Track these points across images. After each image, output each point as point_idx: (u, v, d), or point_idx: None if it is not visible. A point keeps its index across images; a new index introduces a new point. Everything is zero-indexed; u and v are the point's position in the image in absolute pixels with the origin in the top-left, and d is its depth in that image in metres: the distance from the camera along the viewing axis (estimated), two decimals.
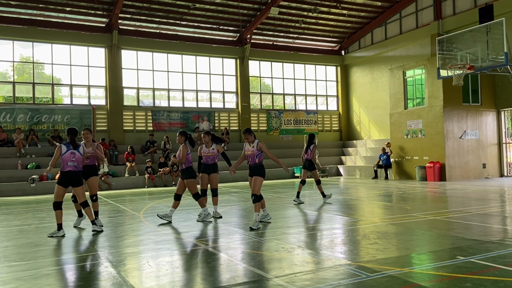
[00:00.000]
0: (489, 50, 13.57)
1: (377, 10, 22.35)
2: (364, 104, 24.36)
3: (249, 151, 7.56)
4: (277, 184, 17.62)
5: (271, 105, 24.40)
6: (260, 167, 7.53)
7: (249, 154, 7.58)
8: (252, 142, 7.58)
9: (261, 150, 7.53)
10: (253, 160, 7.53)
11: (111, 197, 14.15)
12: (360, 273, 4.49)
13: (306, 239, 6.41)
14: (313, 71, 25.51)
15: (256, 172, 7.52)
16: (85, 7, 19.07)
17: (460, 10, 18.82)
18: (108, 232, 7.69)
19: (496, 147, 17.78)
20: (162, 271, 4.91)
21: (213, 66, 22.88)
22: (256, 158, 7.49)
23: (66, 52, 19.87)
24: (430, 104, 17.12)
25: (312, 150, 10.93)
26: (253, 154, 7.50)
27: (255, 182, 7.47)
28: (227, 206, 10.72)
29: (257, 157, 7.50)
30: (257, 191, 7.40)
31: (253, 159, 7.51)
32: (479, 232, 6.47)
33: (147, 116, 21.18)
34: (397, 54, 21.97)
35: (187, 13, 20.51)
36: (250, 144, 7.58)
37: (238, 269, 4.89)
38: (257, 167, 7.53)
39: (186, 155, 8.37)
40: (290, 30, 23.49)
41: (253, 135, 7.68)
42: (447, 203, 10.47)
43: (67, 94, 20.11)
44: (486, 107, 17.59)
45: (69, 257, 5.78)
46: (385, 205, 10.43)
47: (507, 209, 9.17)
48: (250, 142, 7.58)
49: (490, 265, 4.62)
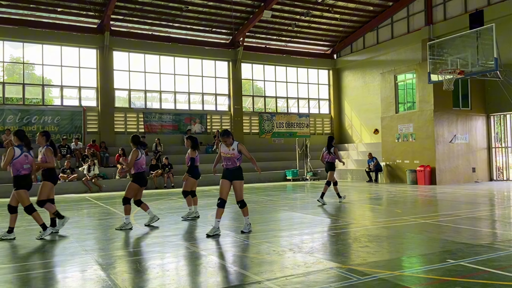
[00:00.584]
0: (479, 55, 13.73)
1: (369, 14, 22.52)
2: (356, 107, 24.49)
3: (228, 153, 7.13)
4: (269, 187, 17.61)
5: (264, 108, 24.42)
6: (239, 170, 7.18)
7: (228, 157, 7.15)
8: (230, 144, 7.14)
9: (241, 152, 7.14)
10: (234, 163, 7.12)
11: (101, 199, 14.04)
12: (351, 276, 4.49)
13: (298, 242, 6.41)
14: (305, 74, 25.60)
15: (237, 175, 7.13)
16: (77, 7, 18.95)
17: (451, 15, 19.04)
18: (98, 234, 7.62)
19: (486, 152, 17.97)
20: (152, 274, 4.87)
21: (206, 69, 22.85)
22: (237, 161, 7.13)
23: (57, 53, 19.71)
24: (420, 108, 17.26)
25: (334, 152, 11.25)
26: (233, 157, 7.10)
27: (238, 187, 7.13)
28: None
29: (237, 160, 7.14)
30: (241, 196, 7.16)
31: (234, 162, 7.12)
32: (468, 236, 6.52)
33: (139, 118, 21.08)
34: (388, 58, 22.13)
35: (179, 15, 20.47)
36: (229, 146, 7.14)
37: (229, 272, 4.87)
38: (237, 170, 7.15)
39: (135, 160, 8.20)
40: (283, 34, 23.57)
41: (231, 137, 7.25)
42: (437, 207, 10.54)
43: (57, 95, 19.94)
44: (475, 112, 17.78)
45: (58, 260, 5.71)
46: (376, 208, 10.47)
47: (496, 213, 9.26)
48: (228, 145, 7.15)
49: (479, 268, 4.65)
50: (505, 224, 7.74)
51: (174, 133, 21.70)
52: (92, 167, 17.21)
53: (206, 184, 19.32)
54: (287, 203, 11.73)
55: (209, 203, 12.02)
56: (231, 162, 7.13)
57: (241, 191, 7.15)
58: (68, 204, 12.76)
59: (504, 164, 17.75)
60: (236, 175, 7.12)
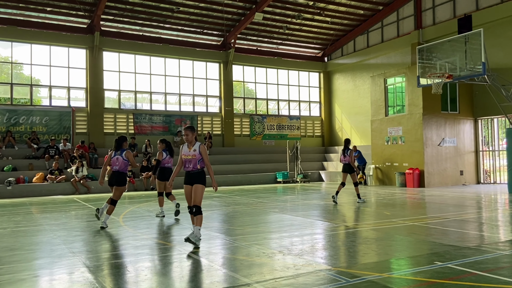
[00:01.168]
0: (467, 59, 13.89)
1: (360, 18, 22.68)
2: (346, 110, 24.63)
3: (189, 155, 6.54)
4: (260, 189, 17.61)
5: (255, 110, 24.43)
6: (202, 174, 6.54)
7: (189, 159, 6.54)
8: (191, 143, 6.58)
9: (201, 155, 6.52)
10: (195, 165, 6.49)
11: (90, 200, 13.90)
12: (340, 278, 4.51)
13: (287, 244, 6.42)
14: (296, 77, 25.68)
15: (198, 179, 6.49)
16: (66, 7, 18.79)
17: (440, 20, 19.26)
18: (86, 236, 7.54)
19: (473, 155, 18.18)
20: (141, 276, 4.83)
21: (197, 70, 22.80)
22: (198, 163, 6.49)
23: (46, 53, 19.51)
24: (410, 112, 17.42)
25: (350, 154, 11.73)
26: (195, 159, 6.48)
27: (197, 191, 6.47)
28: (208, 211, 10.65)
29: (199, 162, 6.50)
30: (199, 202, 6.47)
31: (195, 164, 6.49)
32: (456, 238, 6.59)
33: (129, 119, 20.94)
34: (378, 62, 22.31)
35: (170, 16, 20.41)
36: (190, 146, 6.57)
37: (219, 275, 4.86)
38: (199, 174, 6.52)
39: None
40: (274, 36, 23.62)
41: (195, 134, 6.67)
42: (425, 209, 10.63)
43: (46, 95, 19.73)
44: (463, 116, 17.99)
45: (45, 262, 5.64)
46: (365, 210, 10.53)
47: (483, 215, 9.36)
48: (190, 143, 6.58)
49: (467, 270, 4.70)
50: (492, 227, 7.83)
51: (164, 134, 21.57)
52: (80, 168, 17.05)
53: None
54: (277, 205, 11.74)
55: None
56: (192, 164, 6.52)
57: (199, 195, 6.50)
58: (56, 206, 12.61)
59: (491, 167, 17.98)
60: (197, 179, 6.49)
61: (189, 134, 6.59)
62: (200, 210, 6.48)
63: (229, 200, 13.14)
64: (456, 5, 18.61)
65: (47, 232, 7.86)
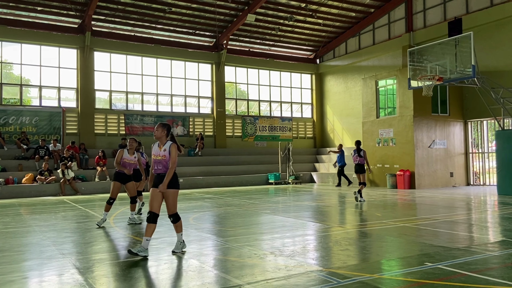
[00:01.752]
0: (457, 62, 14.03)
1: (351, 20, 22.82)
2: (338, 112, 24.74)
3: (159, 155, 5.87)
4: (251, 190, 17.60)
5: (247, 111, 24.43)
6: (173, 177, 5.86)
7: (158, 160, 5.88)
8: (160, 140, 5.92)
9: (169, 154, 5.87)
10: (165, 167, 5.85)
11: (80, 202, 13.79)
12: (331, 279, 4.52)
13: (279, 245, 6.42)
14: (288, 78, 25.74)
15: (169, 183, 5.82)
16: (57, 7, 18.63)
17: (431, 23, 19.44)
18: (76, 238, 7.48)
19: (463, 157, 18.36)
20: (132, 277, 4.79)
21: (189, 71, 22.75)
22: (169, 165, 5.86)
23: (36, 53, 19.34)
24: (401, 114, 17.54)
25: (363, 155, 12.30)
26: (165, 160, 5.84)
27: (170, 198, 5.86)
28: (200, 212, 10.62)
29: (169, 164, 5.86)
30: (175, 209, 5.95)
31: (164, 165, 5.86)
32: (446, 239, 6.64)
33: (120, 120, 20.81)
34: (370, 64, 22.45)
35: (162, 16, 20.34)
36: (161, 146, 5.91)
37: (210, 276, 4.84)
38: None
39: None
40: (266, 37, 23.66)
41: (166, 132, 5.96)
42: (416, 211, 10.71)
43: (36, 96, 19.54)
44: (454, 118, 18.16)
45: (35, 263, 5.58)
46: (356, 211, 10.57)
47: (473, 216, 9.46)
48: (161, 141, 5.92)
49: (456, 271, 4.74)
50: (481, 228, 7.91)
51: None
52: (66, 170, 16.70)
53: (188, 187, 19.20)
54: (269, 206, 11.75)
55: (190, 206, 11.94)
56: (162, 166, 5.87)
57: (174, 202, 5.90)
58: (45, 207, 12.49)
59: (481, 169, 18.17)
60: (168, 183, 5.83)
61: (158, 130, 5.91)
62: (177, 217, 5.97)
63: (220, 202, 13.12)
64: (446, 8, 18.80)
65: (36, 234, 7.78)
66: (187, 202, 13.06)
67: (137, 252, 5.65)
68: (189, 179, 19.66)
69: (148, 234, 5.80)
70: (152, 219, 5.82)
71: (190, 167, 20.52)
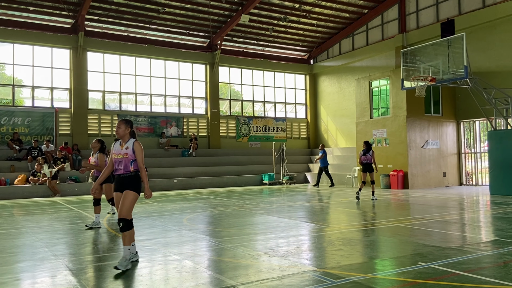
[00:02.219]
0: (450, 63, 14.13)
1: (345, 21, 22.89)
2: (332, 112, 24.81)
3: (120, 154, 5.31)
4: (246, 191, 17.60)
5: (241, 112, 24.43)
6: (134, 178, 5.30)
7: (119, 159, 5.31)
8: (123, 138, 5.39)
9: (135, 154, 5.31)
10: (126, 167, 5.29)
11: (73, 203, 13.71)
12: (325, 280, 4.53)
13: (273, 245, 6.43)
14: (282, 79, 25.77)
15: (129, 184, 5.26)
16: (50, 7, 18.52)
17: (424, 24, 19.56)
18: (69, 239, 7.43)
19: (456, 157, 18.48)
20: (125, 279, 4.78)
21: (182, 71, 22.70)
22: (131, 165, 5.29)
23: (29, 53, 19.20)
24: (394, 114, 17.63)
25: (372, 155, 12.76)
26: (126, 158, 5.28)
27: (125, 200, 5.22)
28: (194, 213, 10.61)
29: (131, 163, 5.29)
30: (127, 214, 5.21)
31: (126, 166, 5.28)
32: (439, 239, 6.68)
33: (113, 120, 20.72)
34: (363, 64, 22.54)
35: (156, 17, 20.29)
36: (123, 143, 5.37)
37: (204, 277, 4.84)
38: (131, 178, 5.29)
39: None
40: (260, 38, 23.67)
41: (129, 129, 5.41)
42: (409, 211, 10.77)
43: (28, 96, 19.40)
44: (446, 118, 18.28)
45: (27, 265, 5.54)
46: (350, 212, 10.61)
47: (465, 216, 9.53)
48: (123, 139, 5.39)
49: (449, 271, 4.77)
50: (474, 228, 7.97)
51: (149, 136, 21.44)
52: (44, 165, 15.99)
53: (182, 188, 19.16)
54: (263, 207, 11.75)
55: (184, 207, 11.91)
56: (123, 166, 5.30)
57: (129, 205, 5.23)
58: (38, 208, 12.40)
59: (473, 169, 18.31)
60: (128, 184, 5.26)
61: (121, 126, 5.36)
62: (129, 224, 5.21)
63: (214, 202, 13.10)
64: (439, 10, 18.92)
65: (29, 235, 7.72)
66: (181, 203, 13.03)
67: (125, 267, 5.06)
68: (183, 180, 19.61)
69: (129, 242, 5.25)
70: (126, 226, 5.23)
71: (184, 167, 20.48)
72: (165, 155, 21.00)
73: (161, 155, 20.98)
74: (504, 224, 8.00)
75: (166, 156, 20.96)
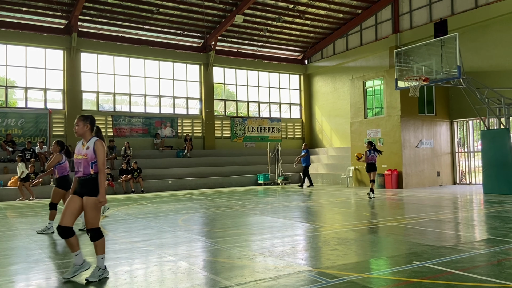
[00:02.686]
0: (443, 63, 14.21)
1: (339, 21, 22.96)
2: (326, 112, 24.87)
3: (79, 154, 4.79)
4: (241, 191, 17.59)
5: (235, 112, 24.42)
6: (95, 182, 4.75)
7: (79, 160, 4.78)
8: (84, 137, 4.89)
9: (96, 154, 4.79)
10: (86, 169, 4.75)
11: None
12: (320, 279, 4.54)
13: (268, 246, 6.43)
14: (277, 79, 25.80)
15: (89, 189, 4.74)
16: (43, 7, 18.42)
17: (417, 24, 19.66)
18: (63, 241, 7.37)
19: (449, 156, 18.59)
20: (120, 281, 4.76)
21: (177, 72, 22.65)
22: (91, 167, 4.76)
23: (22, 54, 19.08)
24: (388, 114, 17.70)
25: (376, 155, 13.43)
26: (86, 160, 4.76)
27: (88, 208, 4.69)
28: (189, 214, 10.59)
29: (92, 165, 4.76)
30: (95, 223, 4.74)
31: (86, 167, 4.74)
32: (433, 238, 6.72)
33: (107, 121, 20.64)
34: (357, 65, 22.61)
35: (150, 17, 20.23)
36: (84, 143, 4.85)
37: (199, 278, 4.83)
38: (91, 182, 4.75)
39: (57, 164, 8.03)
40: (255, 38, 23.68)
41: (89, 127, 4.89)
42: (403, 210, 10.82)
43: (21, 97, 19.28)
44: (440, 118, 18.39)
45: (22, 267, 5.50)
46: (345, 211, 10.64)
47: (459, 215, 9.59)
48: (84, 138, 4.89)
49: (443, 269, 4.80)
50: (467, 227, 8.02)
51: (144, 136, 21.38)
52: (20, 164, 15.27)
53: (177, 189, 19.12)
54: (258, 207, 11.75)
55: (179, 208, 11.89)
56: (83, 168, 4.76)
57: (94, 213, 4.71)
58: (31, 210, 12.32)
59: (467, 168, 18.43)
60: (88, 189, 4.74)
61: (79, 124, 4.85)
62: (98, 233, 4.76)
63: (210, 203, 13.09)
64: (432, 10, 19.03)
65: (23, 237, 7.67)
66: (176, 204, 13.00)
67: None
68: (178, 181, 19.57)
69: (74, 248, 4.79)
70: (64, 234, 4.71)
71: (179, 168, 20.44)
72: (160, 156, 20.95)
73: (156, 156, 20.93)
74: (497, 223, 8.06)
75: (160, 157, 20.91)
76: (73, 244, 4.80)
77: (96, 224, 4.77)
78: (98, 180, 4.76)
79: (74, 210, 4.77)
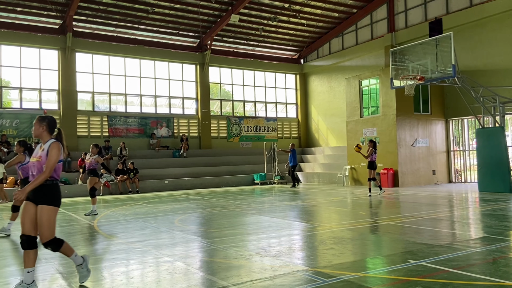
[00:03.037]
0: (438, 62, 14.25)
1: (335, 21, 22.99)
2: (322, 112, 24.90)
3: (35, 157, 4.43)
4: (237, 191, 17.59)
5: (231, 112, 24.40)
6: (50, 188, 4.32)
7: (33, 163, 4.43)
8: (42, 138, 4.54)
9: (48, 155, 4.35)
10: (39, 171, 4.36)
11: (63, 205, 13.56)
12: (316, 279, 4.55)
13: (265, 245, 6.43)
14: (273, 78, 25.80)
15: (43, 196, 4.28)
16: (37, 7, 18.32)
17: (412, 23, 19.72)
18: None
19: (445, 155, 18.67)
20: (116, 281, 4.75)
21: (173, 72, 22.61)
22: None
23: (16, 54, 18.98)
24: (384, 113, 17.75)
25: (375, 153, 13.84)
26: (39, 162, 4.37)
27: (43, 219, 4.22)
28: (185, 214, 10.57)
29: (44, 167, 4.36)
30: (51, 235, 4.29)
31: (40, 171, 4.34)
32: (429, 236, 6.75)
33: (103, 122, 20.57)
34: (353, 64, 22.65)
35: (145, 17, 20.18)
36: (42, 146, 4.49)
37: (196, 278, 4.83)
38: (45, 188, 4.30)
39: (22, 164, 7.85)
40: (251, 38, 23.67)
41: (45, 128, 4.52)
42: (399, 209, 10.86)
43: (16, 98, 19.17)
44: (435, 116, 18.46)
45: (17, 269, 5.48)
46: (341, 211, 10.66)
47: (455, 214, 9.63)
48: (42, 140, 4.53)
49: (439, 268, 4.82)
50: (463, 225, 8.06)
51: (140, 137, 21.33)
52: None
53: (173, 189, 19.09)
54: (255, 207, 11.76)
55: (176, 208, 11.87)
56: (37, 171, 4.37)
57: (49, 223, 4.26)
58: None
59: (462, 166, 18.51)
60: (42, 196, 4.27)
61: (35, 125, 4.50)
62: (58, 243, 4.39)
63: (206, 203, 13.08)
64: (427, 9, 19.09)
65: (18, 238, 7.62)
66: (173, 204, 12.98)
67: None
68: (174, 181, 19.54)
69: (29, 264, 4.21)
70: (28, 244, 4.22)
71: (175, 168, 20.41)
72: (156, 156, 20.91)
73: (152, 156, 20.88)
74: (492, 221, 8.10)
75: (157, 157, 20.87)
76: (31, 259, 4.23)
77: (52, 235, 4.29)
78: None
79: (33, 217, 4.27)
